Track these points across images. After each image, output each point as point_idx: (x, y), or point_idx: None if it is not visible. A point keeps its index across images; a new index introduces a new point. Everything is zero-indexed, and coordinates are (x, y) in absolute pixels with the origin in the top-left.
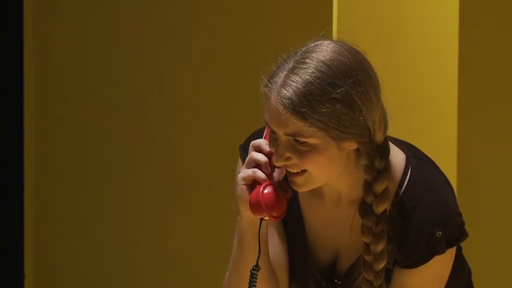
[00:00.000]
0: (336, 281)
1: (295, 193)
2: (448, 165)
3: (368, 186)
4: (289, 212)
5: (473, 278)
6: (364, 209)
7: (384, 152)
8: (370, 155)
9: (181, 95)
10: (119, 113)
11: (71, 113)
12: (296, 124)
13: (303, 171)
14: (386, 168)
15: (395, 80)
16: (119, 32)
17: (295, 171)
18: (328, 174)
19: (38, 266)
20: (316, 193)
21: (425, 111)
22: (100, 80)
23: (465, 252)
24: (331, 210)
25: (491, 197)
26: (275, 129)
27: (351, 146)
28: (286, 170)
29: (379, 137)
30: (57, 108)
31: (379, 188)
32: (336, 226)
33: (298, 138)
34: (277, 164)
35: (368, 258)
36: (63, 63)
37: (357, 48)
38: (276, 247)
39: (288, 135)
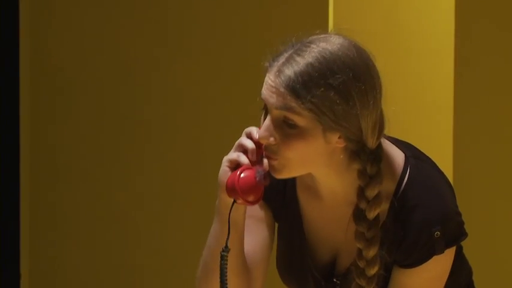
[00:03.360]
0: (334, 280)
1: (294, 193)
2: (444, 164)
3: (361, 192)
4: (288, 211)
5: (473, 278)
6: (357, 214)
7: (376, 158)
8: (362, 160)
9: (178, 94)
10: (115, 112)
11: (66, 112)
12: (288, 100)
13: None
14: (378, 173)
15: (391, 79)
16: (114, 31)
17: (273, 157)
18: (306, 164)
19: (34, 265)
20: (314, 193)
21: (421, 110)
22: (96, 79)
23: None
24: (330, 210)
25: (488, 196)
26: (268, 102)
27: (339, 142)
28: (264, 153)
29: (371, 142)
30: (52, 108)
31: (370, 193)
32: (334, 226)
33: (288, 115)
34: (260, 140)
35: (361, 263)
36: (59, 62)
37: (365, 49)
38: (262, 241)
39: (278, 109)
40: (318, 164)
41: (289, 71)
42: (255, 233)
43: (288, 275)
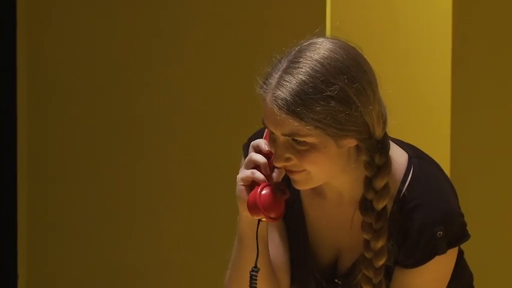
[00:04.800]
0: (336, 280)
1: (297, 192)
2: (441, 164)
3: (368, 182)
4: (291, 211)
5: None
6: (365, 205)
7: (384, 148)
8: (370, 150)
9: (173, 95)
10: (112, 113)
11: (63, 114)
12: (292, 124)
13: (303, 170)
14: (387, 164)
15: (388, 78)
16: (110, 33)
17: (295, 170)
18: (329, 172)
19: (32, 266)
20: (318, 192)
21: (418, 109)
22: (93, 80)
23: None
24: (333, 210)
25: (485, 197)
26: (272, 130)
27: (350, 142)
28: (285, 169)
29: (378, 133)
30: (49, 109)
31: (379, 183)
32: (337, 225)
33: (296, 138)
34: (277, 165)
35: (368, 255)
36: (56, 64)
37: (351, 45)
38: (277, 247)
39: (285, 135)
40: (336, 169)
41: (284, 94)
42: (272, 237)
43: (290, 276)
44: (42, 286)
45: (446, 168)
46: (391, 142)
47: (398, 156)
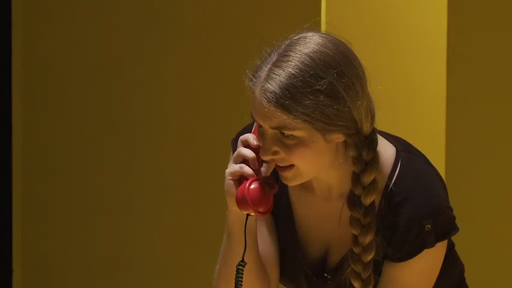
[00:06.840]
0: (325, 275)
1: (285, 187)
2: (436, 160)
3: (356, 178)
4: (279, 206)
5: (464, 275)
6: (353, 200)
7: (372, 143)
8: (357, 146)
9: (168, 91)
10: (106, 111)
11: (58, 110)
12: (280, 117)
13: (291, 166)
14: (374, 159)
15: (383, 74)
16: (104, 30)
17: (283, 165)
18: (317, 167)
19: (26, 260)
20: (306, 187)
21: (413, 105)
22: (88, 78)
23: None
24: (321, 204)
25: (480, 192)
26: (261, 123)
27: (338, 138)
28: (275, 164)
29: (366, 128)
30: (44, 106)
31: (367, 179)
32: (326, 220)
33: (284, 131)
34: (264, 159)
35: (356, 250)
36: (51, 62)
37: (341, 40)
38: (265, 241)
39: (273, 128)
40: (324, 164)
41: (274, 87)
42: (261, 232)
43: (279, 270)
44: (37, 281)
45: (441, 162)
46: (379, 136)
47: (386, 151)
